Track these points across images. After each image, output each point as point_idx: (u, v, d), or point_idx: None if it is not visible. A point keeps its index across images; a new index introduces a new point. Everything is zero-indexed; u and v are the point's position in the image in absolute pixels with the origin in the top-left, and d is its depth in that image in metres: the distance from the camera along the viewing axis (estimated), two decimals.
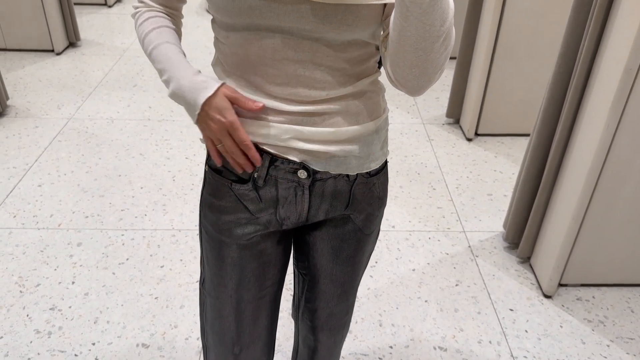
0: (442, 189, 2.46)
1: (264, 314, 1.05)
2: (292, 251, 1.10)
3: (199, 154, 2.66)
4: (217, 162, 0.91)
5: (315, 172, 0.91)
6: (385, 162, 1.01)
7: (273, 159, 0.89)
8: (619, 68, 1.52)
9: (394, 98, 3.27)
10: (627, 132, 1.62)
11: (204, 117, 0.85)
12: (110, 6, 4.64)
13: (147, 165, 2.55)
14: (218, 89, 0.84)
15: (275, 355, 1.66)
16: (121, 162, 2.57)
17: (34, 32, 3.57)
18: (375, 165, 0.96)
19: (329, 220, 1.00)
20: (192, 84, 0.85)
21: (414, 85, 0.80)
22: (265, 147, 0.89)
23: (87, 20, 4.34)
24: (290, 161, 0.89)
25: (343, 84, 0.87)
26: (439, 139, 2.86)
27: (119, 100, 3.14)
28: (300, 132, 0.87)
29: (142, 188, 2.39)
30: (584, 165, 1.69)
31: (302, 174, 0.90)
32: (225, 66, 0.90)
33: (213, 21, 0.88)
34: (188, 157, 2.63)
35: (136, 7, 0.95)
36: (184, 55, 0.91)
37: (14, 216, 2.20)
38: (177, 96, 0.87)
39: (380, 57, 0.90)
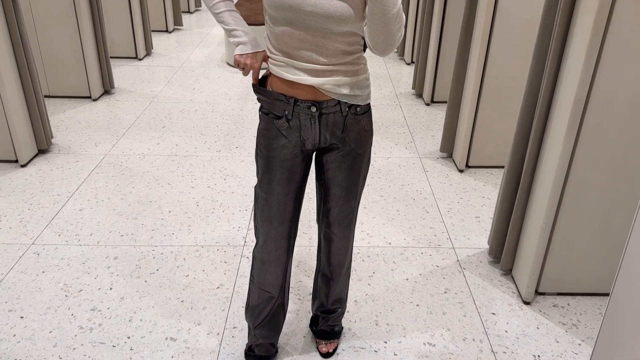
0: (434, 213, 2.75)
1: (292, 203, 1.59)
2: (315, 171, 1.65)
3: (219, 183, 2.99)
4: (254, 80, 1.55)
5: (322, 107, 1.46)
6: (369, 108, 1.55)
7: (296, 101, 1.45)
8: (570, 100, 1.84)
9: (393, 137, 3.61)
10: (584, 155, 1.92)
11: (245, 57, 1.51)
12: (140, 59, 5.14)
13: (174, 193, 2.89)
14: (262, 51, 1.53)
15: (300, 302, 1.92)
16: (152, 190, 2.91)
17: (75, 81, 4.02)
18: (361, 102, 1.50)
19: (334, 145, 1.54)
20: (251, 40, 1.52)
21: (383, 47, 1.35)
22: (292, 94, 1.45)
23: (120, 71, 4.82)
24: (306, 101, 1.45)
25: (340, 56, 1.42)
26: (434, 171, 3.17)
27: (150, 139, 3.53)
28: (314, 82, 1.42)
29: (170, 212, 2.72)
30: (548, 183, 1.98)
31: (313, 109, 1.46)
32: (271, 40, 1.46)
33: (265, 12, 1.43)
34: (210, 186, 2.97)
35: None
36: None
37: (59, 235, 2.53)
38: (237, 42, 1.51)
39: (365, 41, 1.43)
